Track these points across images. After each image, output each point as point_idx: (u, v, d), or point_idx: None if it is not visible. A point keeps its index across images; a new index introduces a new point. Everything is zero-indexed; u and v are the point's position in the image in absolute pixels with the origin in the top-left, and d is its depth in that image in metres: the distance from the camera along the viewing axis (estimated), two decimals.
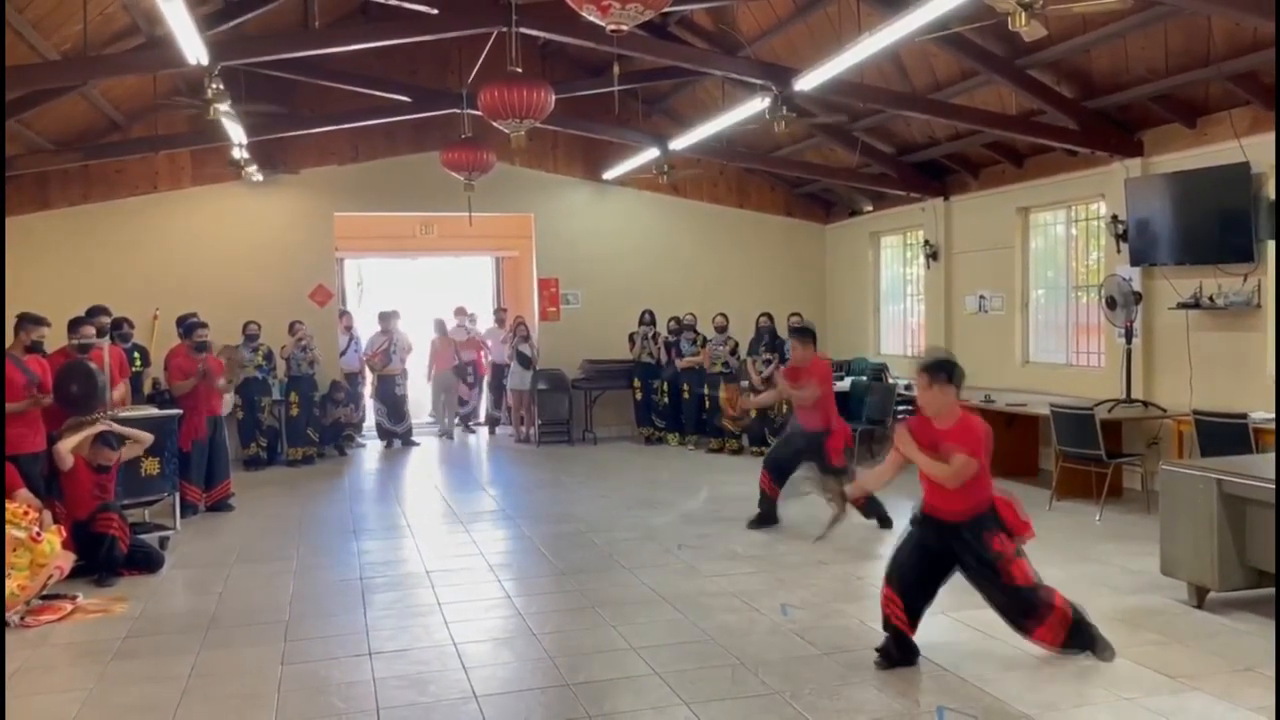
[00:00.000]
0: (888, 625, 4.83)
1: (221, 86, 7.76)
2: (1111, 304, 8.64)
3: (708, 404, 12.06)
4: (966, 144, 10.59)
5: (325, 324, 12.67)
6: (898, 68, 9.57)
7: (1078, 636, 4.76)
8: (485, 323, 14.76)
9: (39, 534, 6.02)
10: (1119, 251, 9.05)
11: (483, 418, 14.51)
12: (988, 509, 4.76)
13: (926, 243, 12.00)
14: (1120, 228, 8.97)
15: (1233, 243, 7.86)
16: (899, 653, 4.79)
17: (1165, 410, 8.38)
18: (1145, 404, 8.58)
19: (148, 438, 7.51)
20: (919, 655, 4.81)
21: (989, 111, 9.44)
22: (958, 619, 5.48)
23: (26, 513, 6.09)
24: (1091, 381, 9.53)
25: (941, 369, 4.77)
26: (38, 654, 5.29)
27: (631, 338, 12.85)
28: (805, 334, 8.11)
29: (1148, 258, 8.70)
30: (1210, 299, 8.19)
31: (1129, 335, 8.64)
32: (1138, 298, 8.60)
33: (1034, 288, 10.82)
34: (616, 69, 9.95)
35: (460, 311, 14.22)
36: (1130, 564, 6.49)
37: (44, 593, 6.00)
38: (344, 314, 13.52)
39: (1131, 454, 8.47)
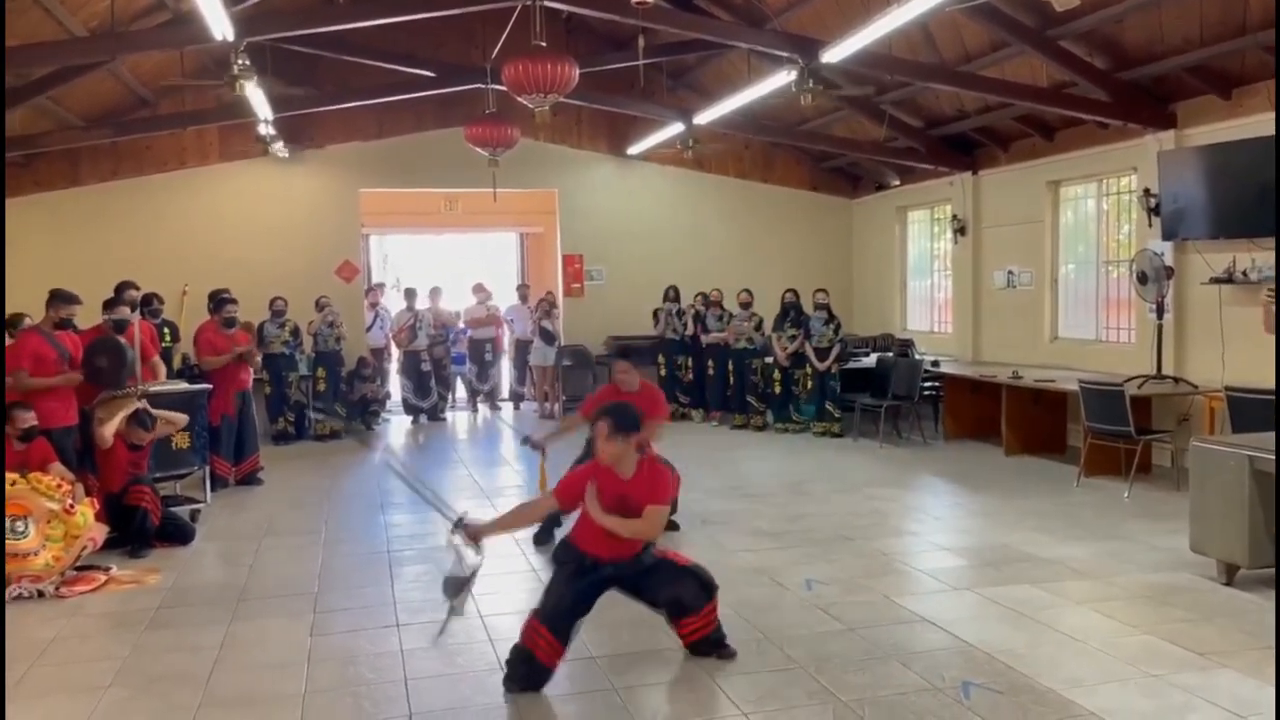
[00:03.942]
0: (524, 651, 4.34)
1: (247, 62, 7.78)
2: (1143, 279, 8.53)
3: (732, 380, 12.04)
4: (996, 117, 10.46)
5: (351, 300, 12.74)
6: (926, 39, 9.45)
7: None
8: (509, 299, 14.77)
9: (72, 506, 6.11)
10: (1151, 225, 8.92)
11: (506, 394, 14.54)
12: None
13: (954, 217, 11.89)
14: (1152, 201, 8.84)
15: (1267, 216, 7.69)
16: (529, 672, 4.32)
17: (1196, 386, 8.29)
18: (1176, 380, 8.48)
19: (182, 419, 7.59)
20: (548, 680, 4.35)
21: (1019, 84, 9.31)
22: (984, 595, 5.48)
23: (60, 485, 6.18)
24: (1121, 357, 9.44)
25: (626, 421, 4.36)
26: (72, 623, 5.38)
27: (656, 314, 12.83)
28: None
29: (1180, 232, 8.57)
30: (1244, 273, 8.06)
31: (1160, 310, 8.53)
32: (1169, 272, 8.48)
33: (1064, 263, 10.70)
34: (641, 42, 9.88)
35: (479, 288, 14.24)
36: (1159, 541, 6.44)
37: (78, 564, 6.10)
38: (371, 290, 13.57)
39: (1161, 430, 8.39)
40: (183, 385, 8.48)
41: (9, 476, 6.02)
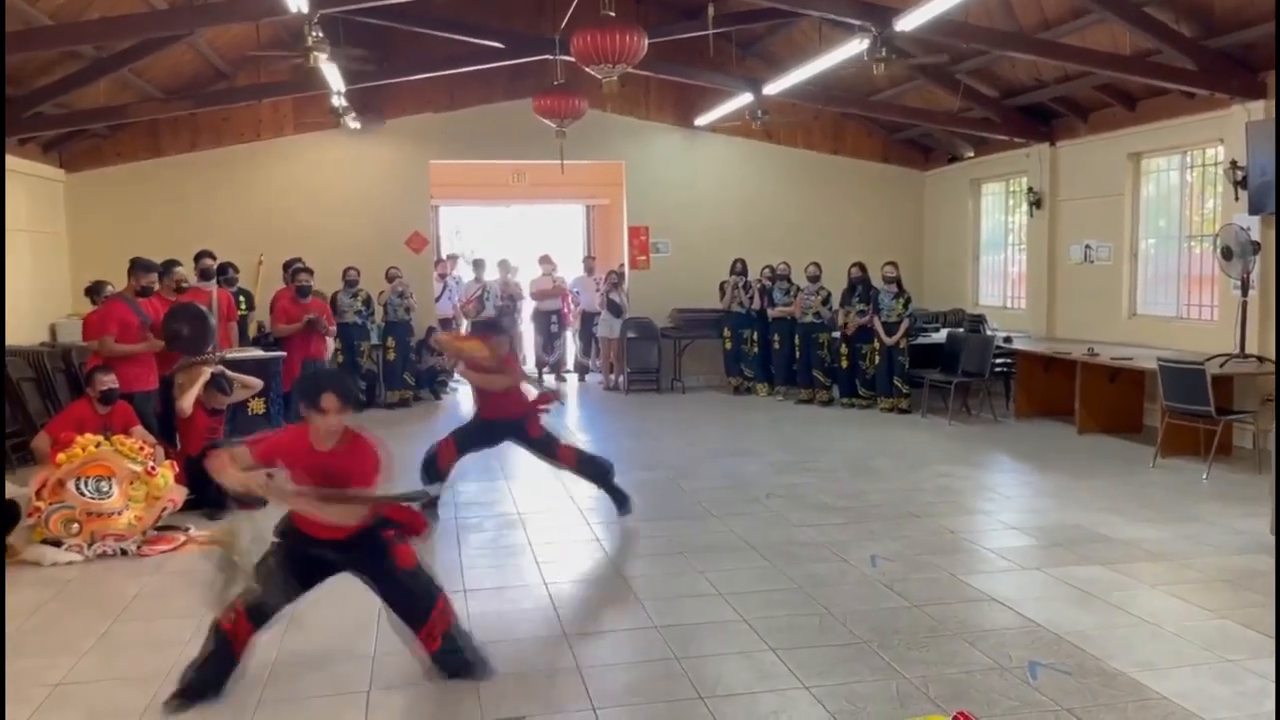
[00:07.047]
0: (222, 639, 4.05)
1: (321, 34, 7.87)
2: (1227, 254, 8.26)
3: (798, 354, 11.95)
4: (1075, 86, 10.15)
5: (421, 271, 12.90)
6: (1004, 6, 9.20)
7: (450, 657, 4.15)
8: (575, 271, 14.83)
9: (154, 469, 6.33)
10: (1237, 199, 8.61)
11: (572, 365, 14.64)
12: (376, 519, 4.04)
13: (1030, 190, 11.60)
14: (1239, 174, 8.52)
15: None
16: (216, 672, 4.04)
17: None
18: (1260, 359, 8.22)
19: (257, 383, 7.79)
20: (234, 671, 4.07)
21: (1101, 51, 9.02)
22: (1053, 575, 5.39)
23: (142, 448, 6.41)
24: (1203, 335, 9.16)
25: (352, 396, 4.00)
26: (154, 581, 5.58)
27: (722, 286, 12.76)
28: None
29: (1268, 206, 8.25)
30: None
31: (1245, 287, 8.25)
32: (1256, 248, 8.19)
33: (1144, 237, 10.39)
34: (711, 11, 9.77)
35: (544, 259, 14.31)
36: (1238, 524, 6.27)
37: (158, 524, 6.31)
38: (440, 261, 13.72)
39: (1243, 411, 8.14)
40: (258, 352, 8.69)
41: (93, 439, 6.25)
